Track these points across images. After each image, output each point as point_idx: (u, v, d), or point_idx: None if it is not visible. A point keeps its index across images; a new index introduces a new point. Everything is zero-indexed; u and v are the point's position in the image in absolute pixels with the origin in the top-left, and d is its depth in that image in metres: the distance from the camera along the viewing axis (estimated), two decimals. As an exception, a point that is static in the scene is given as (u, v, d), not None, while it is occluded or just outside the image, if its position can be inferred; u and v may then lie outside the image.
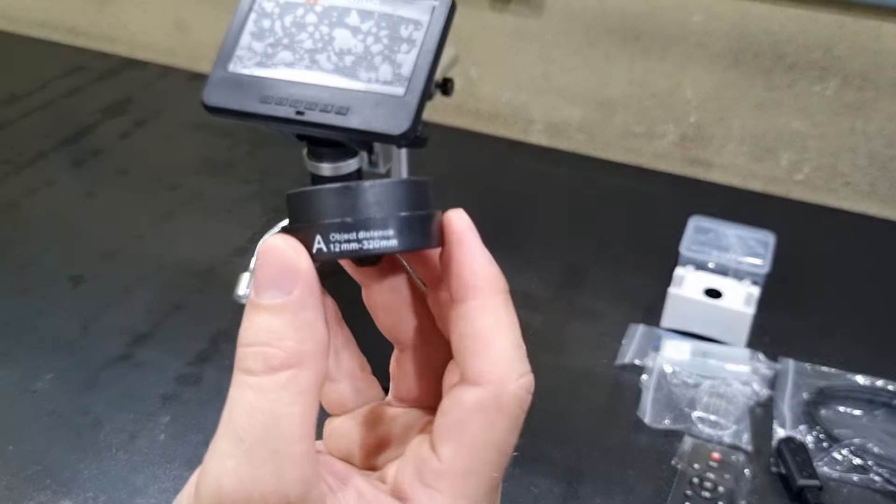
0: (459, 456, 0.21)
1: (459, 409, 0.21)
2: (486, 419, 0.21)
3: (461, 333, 0.22)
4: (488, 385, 0.21)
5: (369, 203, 0.21)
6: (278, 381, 0.20)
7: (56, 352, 0.73)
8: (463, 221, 0.23)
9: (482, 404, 0.21)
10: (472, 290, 0.22)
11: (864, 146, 0.93)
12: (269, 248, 0.21)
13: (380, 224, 0.21)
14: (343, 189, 0.21)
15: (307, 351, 0.20)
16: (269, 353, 0.20)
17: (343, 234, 0.21)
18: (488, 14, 1.02)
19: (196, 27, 1.25)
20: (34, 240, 0.89)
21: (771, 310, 0.75)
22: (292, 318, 0.20)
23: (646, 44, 0.96)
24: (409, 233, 0.21)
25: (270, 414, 0.20)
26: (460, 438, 0.21)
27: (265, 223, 0.78)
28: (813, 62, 0.89)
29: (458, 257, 0.22)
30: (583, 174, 1.01)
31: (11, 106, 1.15)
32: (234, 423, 0.20)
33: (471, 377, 0.22)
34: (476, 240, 0.23)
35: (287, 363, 0.20)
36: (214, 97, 0.55)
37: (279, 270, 0.21)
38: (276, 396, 0.20)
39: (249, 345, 0.21)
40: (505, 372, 0.21)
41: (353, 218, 0.21)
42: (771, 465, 0.62)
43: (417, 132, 0.52)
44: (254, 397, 0.20)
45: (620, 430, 0.66)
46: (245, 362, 0.21)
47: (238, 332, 0.22)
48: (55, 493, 0.61)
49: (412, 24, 0.53)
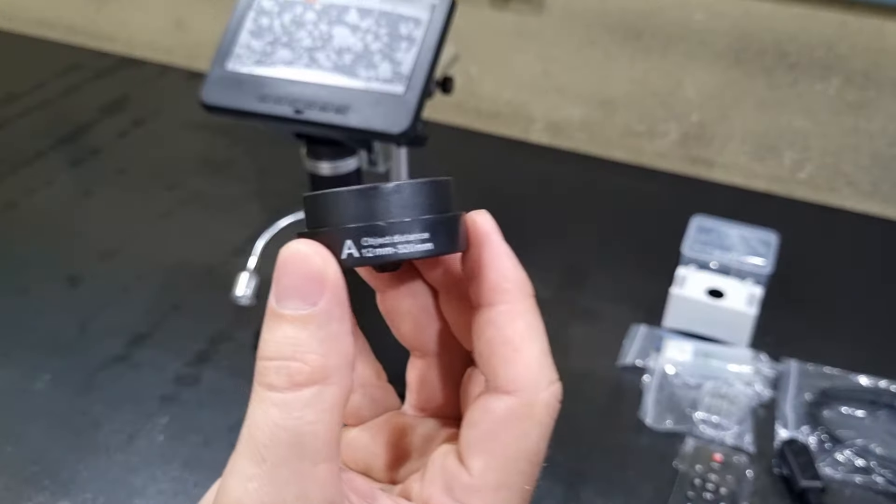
0: (491, 469, 0.20)
1: (489, 420, 0.21)
2: (519, 429, 0.20)
3: (488, 339, 0.21)
4: (519, 393, 0.20)
5: (402, 205, 0.20)
6: (302, 398, 0.19)
7: (54, 352, 0.73)
8: (488, 223, 0.22)
9: (514, 413, 0.20)
10: (500, 294, 0.21)
11: (867, 145, 0.92)
12: (293, 254, 0.20)
13: (415, 227, 0.20)
14: (372, 190, 0.20)
15: (333, 365, 0.19)
16: (292, 368, 0.19)
17: (377, 239, 0.20)
18: (489, 12, 1.02)
19: (195, 25, 1.24)
20: (32, 240, 0.89)
21: (773, 310, 0.74)
22: (317, 331, 0.19)
23: (647, 42, 0.96)
24: (444, 236, 0.20)
25: (294, 432, 0.19)
26: (491, 450, 0.20)
27: (264, 223, 0.77)
28: (815, 61, 0.89)
29: (485, 260, 0.21)
30: (584, 173, 1.00)
31: (9, 105, 1.15)
32: (256, 441, 0.19)
33: (500, 385, 0.21)
34: (502, 242, 0.22)
35: (312, 379, 0.19)
36: (213, 96, 0.54)
37: (304, 279, 0.19)
38: (299, 414, 0.19)
39: (271, 358, 0.19)
40: (536, 379, 0.21)
41: (387, 221, 0.20)
42: (773, 466, 0.62)
43: (417, 131, 0.52)
44: (277, 414, 0.19)
45: (622, 431, 0.65)
46: (267, 377, 0.19)
47: (237, 332, 0.21)
48: (53, 494, 0.60)
49: (412, 22, 0.53)
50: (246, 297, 0.72)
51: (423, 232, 0.20)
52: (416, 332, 0.25)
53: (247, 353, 0.72)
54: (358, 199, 0.20)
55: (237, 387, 0.69)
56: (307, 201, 0.21)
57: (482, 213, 0.22)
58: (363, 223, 0.20)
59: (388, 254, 0.20)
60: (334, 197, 0.20)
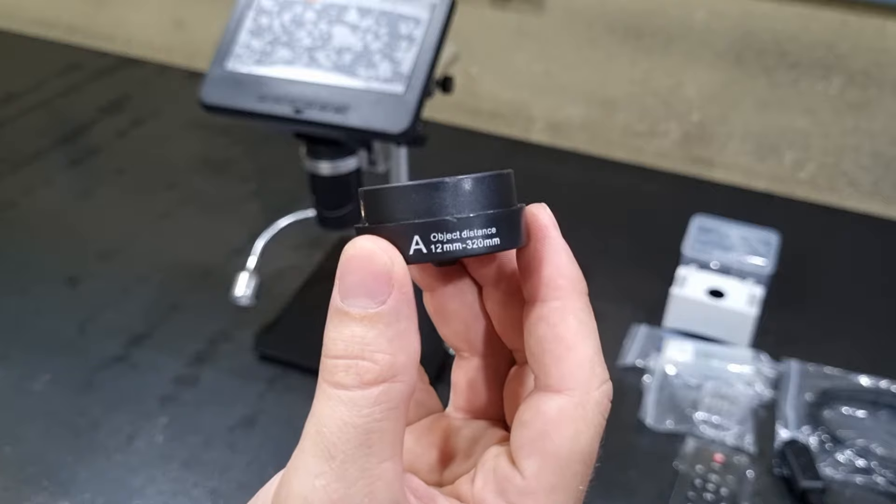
0: (545, 470, 0.20)
1: (541, 420, 0.20)
2: (571, 429, 0.20)
3: (540, 336, 0.21)
4: (572, 392, 0.20)
5: (468, 200, 0.19)
6: (371, 396, 0.19)
7: (53, 352, 0.73)
8: (547, 217, 0.21)
9: (566, 413, 0.20)
10: (554, 290, 0.21)
11: (868, 145, 0.92)
12: (358, 251, 0.19)
13: (483, 222, 0.19)
14: (438, 184, 0.20)
15: (401, 363, 0.19)
16: (361, 367, 0.19)
17: (445, 234, 0.19)
18: (489, 11, 1.01)
19: (194, 25, 1.24)
20: (31, 240, 0.89)
21: (774, 310, 0.74)
22: (386, 330, 0.19)
23: (648, 42, 0.95)
24: (509, 231, 0.20)
25: (363, 430, 0.19)
26: (544, 451, 0.20)
27: (264, 223, 0.77)
28: (816, 60, 0.89)
29: (542, 255, 0.21)
30: (584, 173, 1.00)
31: (8, 104, 1.15)
32: (324, 438, 0.19)
33: (552, 384, 0.20)
34: (559, 237, 0.21)
35: (381, 377, 0.19)
36: (212, 95, 0.54)
37: (371, 277, 0.19)
38: (368, 411, 0.19)
39: (339, 357, 0.19)
40: (587, 378, 0.20)
41: (456, 216, 0.19)
42: (774, 466, 0.62)
43: (417, 130, 0.52)
44: (345, 412, 0.19)
45: (622, 431, 0.65)
46: (335, 376, 0.19)
47: (236, 332, 0.21)
48: (52, 495, 0.60)
49: (412, 21, 0.53)
50: (245, 297, 0.72)
51: (491, 227, 0.20)
52: (464, 331, 0.24)
53: (246, 354, 0.72)
54: (424, 194, 0.19)
55: (236, 387, 0.69)
56: (367, 195, 0.20)
57: (542, 206, 0.22)
58: (431, 218, 0.19)
59: (457, 249, 0.19)
60: (400, 191, 0.20)
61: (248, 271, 0.73)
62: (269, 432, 0.65)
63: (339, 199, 0.60)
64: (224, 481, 0.61)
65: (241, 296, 0.72)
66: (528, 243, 0.21)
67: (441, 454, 0.24)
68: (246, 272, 0.73)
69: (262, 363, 0.71)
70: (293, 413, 0.66)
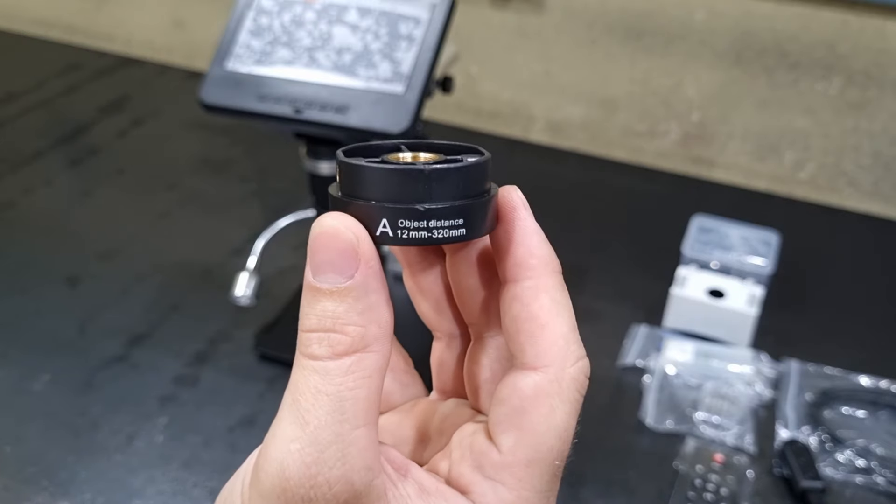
0: (521, 445, 0.21)
1: (518, 396, 0.21)
2: (547, 405, 0.21)
3: (514, 316, 0.21)
4: (546, 369, 0.21)
5: (441, 188, 0.20)
6: (343, 366, 0.20)
7: (53, 352, 0.73)
8: (517, 199, 0.22)
9: (542, 390, 0.21)
10: (526, 270, 0.21)
11: (868, 145, 0.92)
12: (325, 229, 0.20)
13: (452, 213, 0.20)
14: (411, 171, 0.20)
15: (372, 335, 0.20)
16: (333, 339, 0.20)
17: (413, 222, 0.20)
18: (489, 11, 1.01)
19: (194, 25, 1.24)
20: (31, 240, 0.89)
21: (774, 310, 0.74)
22: (355, 303, 0.20)
23: (648, 42, 0.95)
24: (478, 220, 0.20)
25: (336, 397, 0.19)
26: (520, 427, 0.21)
27: (263, 223, 0.77)
28: (816, 60, 0.89)
29: (512, 236, 0.21)
30: (584, 173, 1.00)
31: (8, 104, 1.15)
32: (299, 406, 0.20)
33: (527, 362, 0.21)
34: (530, 218, 0.22)
35: (353, 348, 0.20)
36: (212, 95, 0.54)
37: (338, 254, 0.20)
38: (341, 380, 0.19)
39: (313, 330, 0.20)
40: (563, 355, 0.21)
41: (425, 206, 0.20)
42: (774, 466, 0.62)
43: (417, 130, 0.52)
44: (319, 381, 0.20)
45: (622, 431, 0.65)
46: (309, 348, 0.20)
47: (236, 332, 0.22)
48: (52, 495, 0.60)
49: (412, 21, 0.53)
50: (245, 297, 0.72)
51: (458, 217, 0.20)
52: (437, 310, 0.25)
53: (246, 353, 0.72)
54: (397, 178, 0.20)
55: (236, 387, 0.69)
56: (344, 167, 0.20)
57: (513, 189, 0.22)
58: (400, 205, 0.20)
59: (423, 237, 0.20)
60: (374, 171, 0.20)
61: (248, 271, 0.73)
62: (269, 432, 0.65)
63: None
64: (224, 481, 0.61)
65: (241, 296, 0.72)
66: (499, 226, 0.22)
67: (420, 434, 0.25)
68: (246, 272, 0.73)
69: (262, 363, 0.71)
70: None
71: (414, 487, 0.21)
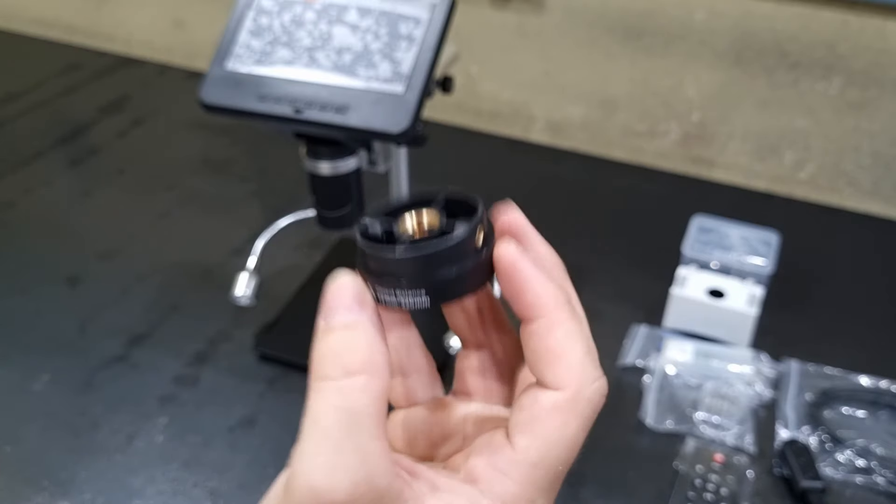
0: (532, 448, 0.23)
1: (538, 407, 0.23)
2: (561, 419, 0.23)
3: (533, 349, 0.24)
4: (565, 390, 0.23)
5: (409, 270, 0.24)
6: (356, 384, 0.22)
7: (53, 352, 0.73)
8: (510, 256, 0.24)
9: (558, 406, 0.23)
10: (537, 311, 0.24)
11: (868, 145, 0.92)
12: (343, 282, 0.24)
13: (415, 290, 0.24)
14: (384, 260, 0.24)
15: (378, 362, 0.23)
16: (345, 360, 0.22)
17: (385, 295, 0.24)
18: (489, 11, 1.01)
19: (194, 25, 1.24)
20: (31, 240, 0.89)
21: (774, 310, 0.74)
22: (362, 335, 0.23)
23: (648, 42, 0.95)
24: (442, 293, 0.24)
25: (352, 412, 0.22)
26: (535, 433, 0.23)
27: (264, 223, 0.77)
28: (816, 60, 0.89)
29: (516, 287, 0.24)
30: (584, 173, 1.00)
31: (8, 104, 1.15)
32: (318, 425, 0.22)
33: (548, 384, 0.24)
34: (528, 267, 0.24)
35: (363, 368, 0.22)
36: (212, 95, 0.54)
37: (351, 298, 0.23)
38: (356, 397, 0.22)
39: (326, 356, 0.23)
40: (579, 379, 0.23)
41: (394, 279, 0.24)
42: (774, 466, 0.62)
43: (417, 130, 0.52)
44: (335, 398, 0.22)
45: (622, 431, 0.65)
46: (323, 369, 0.23)
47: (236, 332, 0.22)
48: (52, 495, 0.60)
49: (412, 21, 0.53)
50: (245, 297, 0.72)
51: (421, 290, 0.24)
52: (469, 326, 0.28)
53: (246, 353, 0.72)
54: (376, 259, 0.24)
55: (236, 387, 0.69)
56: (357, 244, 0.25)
57: (507, 245, 0.24)
58: (378, 280, 0.24)
59: (393, 303, 0.24)
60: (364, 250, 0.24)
61: (248, 271, 0.73)
62: (270, 432, 0.65)
63: (338, 199, 0.60)
64: (224, 481, 0.61)
65: (241, 296, 0.72)
66: (502, 279, 0.24)
67: (442, 431, 0.27)
68: (246, 272, 0.73)
69: (262, 363, 0.71)
70: (293, 413, 0.66)
71: (426, 485, 0.24)
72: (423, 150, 0.57)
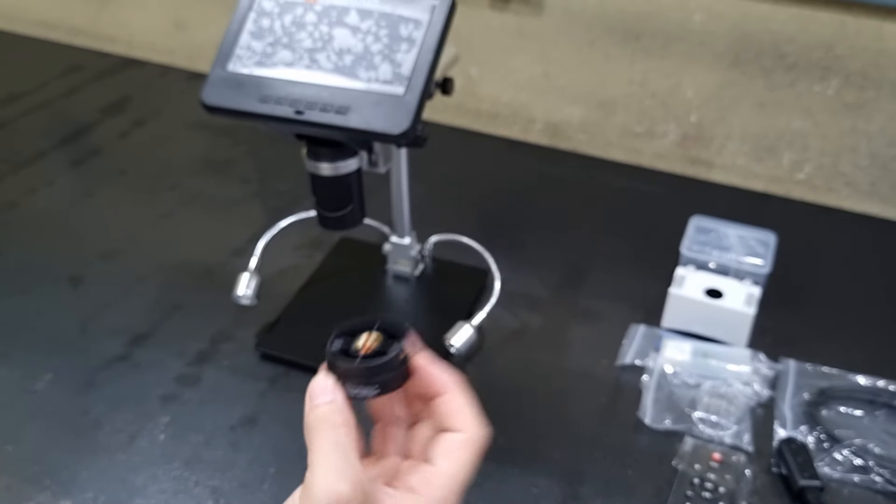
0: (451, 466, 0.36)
1: (450, 442, 0.37)
2: (466, 449, 0.37)
3: (443, 411, 0.37)
4: (466, 432, 0.37)
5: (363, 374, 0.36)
6: (341, 430, 0.35)
7: (55, 352, 0.73)
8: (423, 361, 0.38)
9: (464, 441, 0.37)
10: (443, 389, 0.38)
11: (866, 146, 0.92)
12: (322, 378, 0.36)
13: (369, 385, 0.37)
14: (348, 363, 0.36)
15: (351, 423, 0.35)
16: (332, 419, 0.35)
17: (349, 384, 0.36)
18: (488, 13, 1.02)
19: (195, 26, 1.25)
20: (33, 240, 0.89)
21: (772, 310, 0.75)
22: (339, 409, 0.35)
23: (646, 43, 0.96)
24: (385, 387, 0.37)
25: (342, 445, 0.34)
26: (450, 457, 0.37)
27: (265, 223, 0.77)
28: (814, 62, 0.89)
29: (424, 379, 0.38)
30: (583, 174, 1.00)
31: (10, 105, 1.15)
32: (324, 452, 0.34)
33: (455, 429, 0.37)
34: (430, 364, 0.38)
35: (343, 422, 0.35)
36: (214, 96, 0.55)
37: (328, 388, 0.36)
38: (342, 437, 0.35)
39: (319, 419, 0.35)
40: (475, 426, 0.37)
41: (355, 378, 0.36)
42: (772, 465, 0.62)
43: (417, 132, 0.52)
44: (331, 437, 0.34)
45: (621, 430, 0.66)
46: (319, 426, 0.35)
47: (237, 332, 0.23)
48: (54, 494, 0.60)
49: (412, 23, 0.53)
50: (247, 296, 0.72)
51: (374, 384, 0.37)
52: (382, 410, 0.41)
53: (247, 353, 0.72)
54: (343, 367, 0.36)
55: (238, 386, 0.69)
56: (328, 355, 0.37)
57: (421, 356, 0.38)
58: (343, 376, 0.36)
59: (353, 392, 0.36)
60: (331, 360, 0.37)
61: (250, 271, 0.73)
62: (271, 431, 0.65)
63: (339, 199, 0.61)
64: (225, 480, 0.62)
65: (242, 295, 0.72)
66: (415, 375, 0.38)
67: None
68: (247, 272, 0.73)
69: (263, 362, 0.72)
70: (294, 412, 0.66)
71: (385, 493, 0.35)
72: (424, 151, 0.57)
